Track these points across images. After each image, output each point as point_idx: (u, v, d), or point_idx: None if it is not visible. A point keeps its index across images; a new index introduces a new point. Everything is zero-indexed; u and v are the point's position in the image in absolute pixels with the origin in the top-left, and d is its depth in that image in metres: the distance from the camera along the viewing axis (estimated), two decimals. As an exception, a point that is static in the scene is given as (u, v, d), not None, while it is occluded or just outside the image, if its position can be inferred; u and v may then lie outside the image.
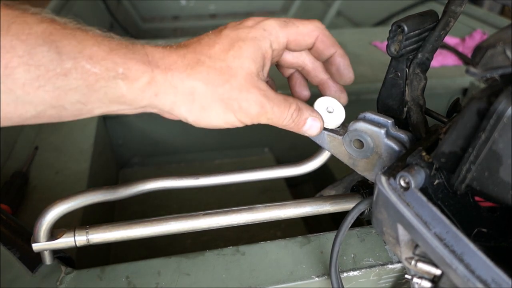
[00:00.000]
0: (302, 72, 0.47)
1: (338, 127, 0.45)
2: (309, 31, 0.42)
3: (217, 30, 0.40)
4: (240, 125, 0.40)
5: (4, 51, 0.30)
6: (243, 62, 0.38)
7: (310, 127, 0.43)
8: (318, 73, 0.46)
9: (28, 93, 0.32)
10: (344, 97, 0.46)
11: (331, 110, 0.44)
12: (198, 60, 0.37)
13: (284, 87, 0.48)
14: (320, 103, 0.45)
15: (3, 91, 0.31)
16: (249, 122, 0.40)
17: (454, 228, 0.33)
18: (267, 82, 0.42)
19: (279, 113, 0.40)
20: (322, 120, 0.44)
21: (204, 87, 0.37)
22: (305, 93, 0.48)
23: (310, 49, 0.44)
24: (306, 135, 0.44)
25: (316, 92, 0.47)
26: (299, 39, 0.42)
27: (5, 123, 0.33)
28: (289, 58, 0.45)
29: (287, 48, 0.43)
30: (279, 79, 0.49)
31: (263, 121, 0.40)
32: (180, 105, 0.38)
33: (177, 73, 0.37)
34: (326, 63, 0.45)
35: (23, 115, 0.33)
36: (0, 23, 0.30)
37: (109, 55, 0.34)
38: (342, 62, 0.44)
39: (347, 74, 0.44)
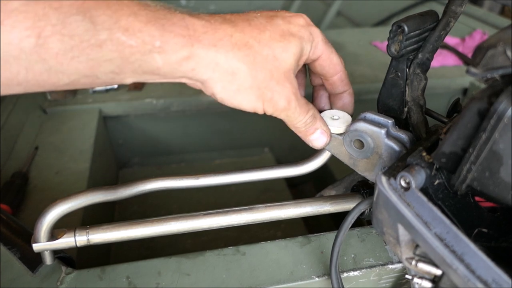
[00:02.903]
0: (326, 82, 0.47)
1: (342, 133, 0.45)
2: (335, 64, 0.43)
3: (268, 15, 0.40)
4: (262, 113, 0.40)
5: (37, 19, 0.29)
6: (288, 57, 0.38)
7: (316, 139, 0.44)
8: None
9: (62, 64, 0.31)
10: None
11: (336, 118, 0.45)
12: (246, 43, 0.37)
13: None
14: (327, 112, 0.46)
15: (36, 61, 0.30)
16: (271, 113, 0.40)
17: (454, 228, 0.33)
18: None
19: (298, 114, 0.41)
20: (330, 136, 0.45)
21: (247, 71, 0.37)
22: (326, 107, 0.49)
23: (326, 80, 0.46)
24: (310, 145, 0.45)
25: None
26: (326, 64, 0.43)
27: (38, 89, 0.33)
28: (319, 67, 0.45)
29: (311, 65, 0.44)
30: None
31: (283, 117, 0.41)
32: (216, 81, 0.37)
33: (223, 51, 0.36)
34: (333, 97, 0.47)
35: (56, 83, 0.32)
36: None
37: (146, 26, 0.32)
38: (348, 100, 0.47)
39: (350, 109, 0.47)
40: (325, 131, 0.44)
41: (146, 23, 0.32)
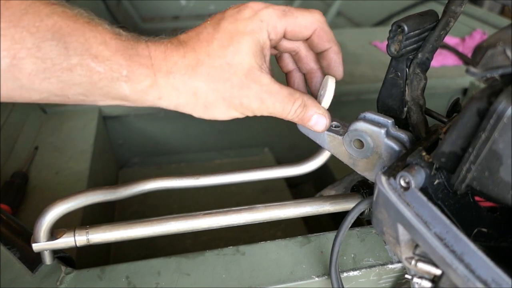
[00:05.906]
0: (294, 58, 0.46)
1: (337, 127, 0.45)
2: (307, 24, 0.41)
3: (215, 21, 0.39)
4: (242, 117, 0.41)
5: (13, 42, 0.31)
6: (243, 58, 0.38)
7: (316, 123, 0.43)
8: (310, 61, 0.46)
9: (33, 83, 0.33)
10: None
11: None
12: (198, 60, 0.37)
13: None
14: None
15: (9, 78, 0.32)
16: (251, 114, 0.41)
17: (454, 228, 0.33)
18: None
19: (281, 108, 0.40)
20: (329, 117, 0.44)
21: (206, 87, 0.38)
22: (304, 91, 0.47)
23: (306, 40, 0.44)
24: (313, 130, 0.44)
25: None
26: (296, 30, 0.41)
27: (10, 101, 0.35)
28: (284, 43, 0.44)
29: (284, 37, 0.42)
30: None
31: (266, 114, 0.41)
32: (184, 105, 0.39)
33: (179, 75, 0.37)
34: (319, 56, 0.45)
35: (28, 98, 0.35)
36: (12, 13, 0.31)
37: (114, 55, 0.35)
38: (334, 59, 0.44)
39: (337, 71, 0.44)
40: (321, 114, 0.43)
41: (114, 52, 0.35)
